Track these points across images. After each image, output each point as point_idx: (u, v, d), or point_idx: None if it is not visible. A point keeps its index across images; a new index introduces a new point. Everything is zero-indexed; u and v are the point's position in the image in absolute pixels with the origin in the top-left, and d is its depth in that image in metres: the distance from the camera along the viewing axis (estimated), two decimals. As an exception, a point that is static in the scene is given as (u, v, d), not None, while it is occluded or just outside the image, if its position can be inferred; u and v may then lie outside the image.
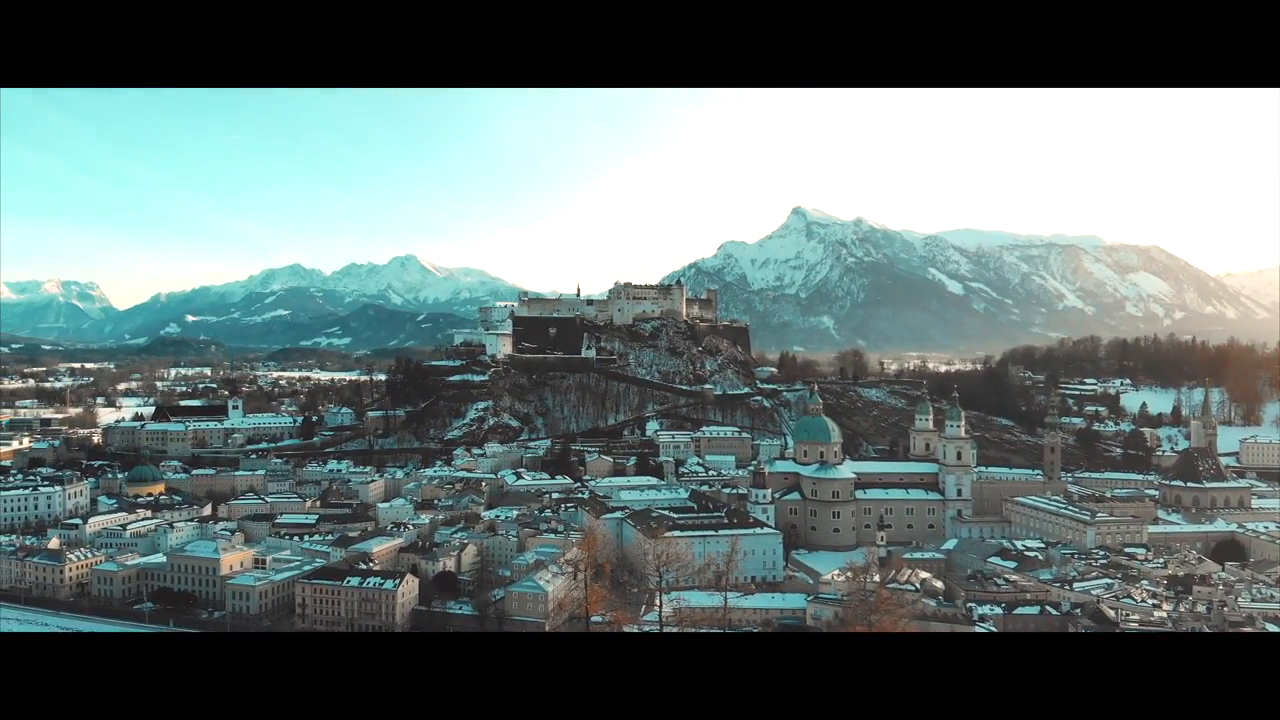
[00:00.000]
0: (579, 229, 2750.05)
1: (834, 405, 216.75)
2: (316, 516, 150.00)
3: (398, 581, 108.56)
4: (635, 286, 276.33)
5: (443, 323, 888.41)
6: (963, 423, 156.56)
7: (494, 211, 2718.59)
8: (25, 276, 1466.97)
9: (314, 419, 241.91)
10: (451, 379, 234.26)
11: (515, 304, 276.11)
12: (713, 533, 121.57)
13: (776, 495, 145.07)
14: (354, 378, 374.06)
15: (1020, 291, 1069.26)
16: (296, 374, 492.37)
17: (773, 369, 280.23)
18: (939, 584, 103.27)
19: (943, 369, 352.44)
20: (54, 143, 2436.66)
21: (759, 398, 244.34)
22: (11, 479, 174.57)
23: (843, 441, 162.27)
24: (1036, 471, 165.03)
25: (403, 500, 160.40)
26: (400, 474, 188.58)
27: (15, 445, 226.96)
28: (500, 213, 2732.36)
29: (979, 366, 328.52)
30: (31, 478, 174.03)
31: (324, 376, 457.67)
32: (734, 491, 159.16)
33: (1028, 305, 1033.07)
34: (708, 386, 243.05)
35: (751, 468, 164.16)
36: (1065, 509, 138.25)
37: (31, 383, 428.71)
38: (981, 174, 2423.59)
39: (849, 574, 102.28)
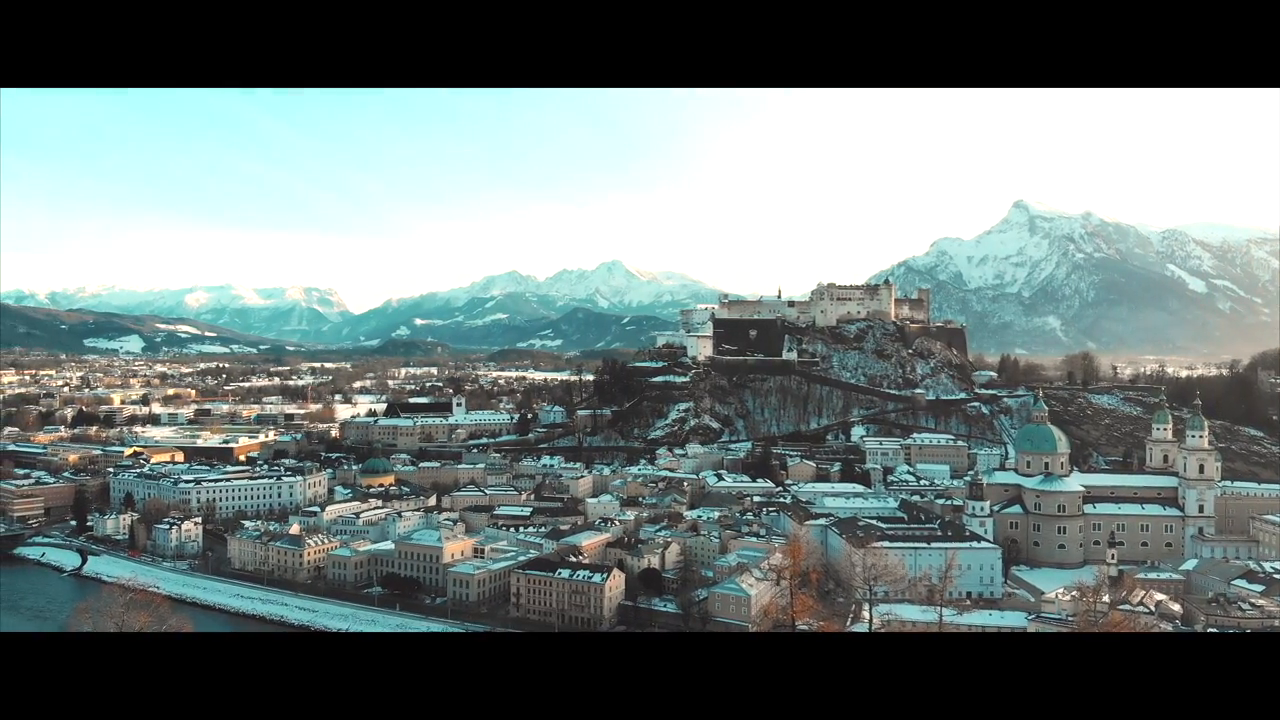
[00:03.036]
0: (781, 231, 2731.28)
1: (1061, 412, 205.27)
2: (531, 509, 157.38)
3: (605, 575, 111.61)
4: (839, 287, 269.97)
5: (646, 325, 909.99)
6: (1205, 432, 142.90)
7: (693, 215, 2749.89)
8: (272, 284, 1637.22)
9: (529, 416, 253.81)
10: (654, 380, 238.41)
11: (715, 306, 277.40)
12: (925, 545, 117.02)
13: (996, 508, 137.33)
14: (565, 378, 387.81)
15: (1271, 289, 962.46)
16: (513, 374, 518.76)
17: (992, 373, 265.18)
18: (1176, 607, 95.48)
19: (1183, 374, 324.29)
20: (294, 160, 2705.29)
21: (976, 403, 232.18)
22: (258, 469, 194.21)
23: (1070, 451, 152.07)
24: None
25: (609, 496, 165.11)
26: (607, 470, 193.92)
27: (262, 438, 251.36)
28: (699, 216, 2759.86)
29: (1224, 371, 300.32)
30: (275, 468, 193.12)
31: (538, 376, 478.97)
32: (948, 503, 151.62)
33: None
34: (919, 391, 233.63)
35: (968, 478, 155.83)
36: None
37: (277, 380, 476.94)
38: (1223, 166, 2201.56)
39: (1075, 593, 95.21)
